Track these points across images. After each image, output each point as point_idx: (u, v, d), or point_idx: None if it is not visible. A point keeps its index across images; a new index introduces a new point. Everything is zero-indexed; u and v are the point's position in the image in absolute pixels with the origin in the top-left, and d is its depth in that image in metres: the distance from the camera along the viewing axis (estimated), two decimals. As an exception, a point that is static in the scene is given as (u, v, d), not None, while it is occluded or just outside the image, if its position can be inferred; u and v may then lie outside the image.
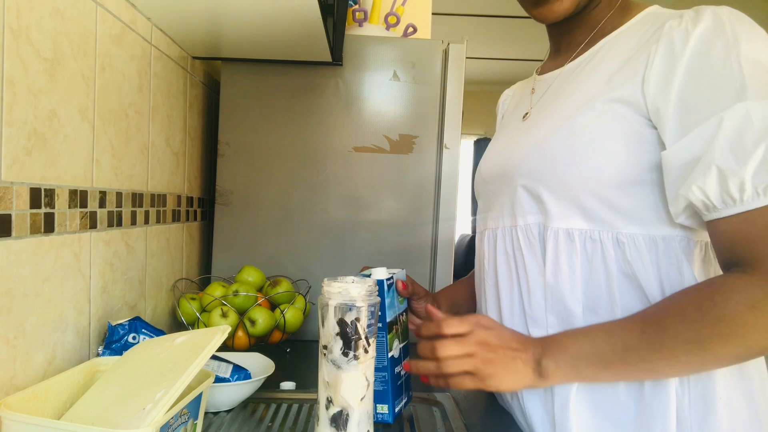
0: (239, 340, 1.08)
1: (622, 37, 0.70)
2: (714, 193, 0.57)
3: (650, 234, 0.65)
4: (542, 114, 0.75)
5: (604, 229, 0.67)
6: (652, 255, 0.65)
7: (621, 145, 0.64)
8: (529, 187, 0.71)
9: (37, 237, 0.68)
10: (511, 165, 0.75)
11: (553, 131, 0.69)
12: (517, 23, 3.87)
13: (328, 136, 1.30)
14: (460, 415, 0.81)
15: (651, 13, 0.70)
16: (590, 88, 0.69)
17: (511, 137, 0.80)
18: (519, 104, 0.87)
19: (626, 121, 0.64)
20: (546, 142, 0.70)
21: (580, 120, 0.67)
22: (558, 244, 0.69)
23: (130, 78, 0.92)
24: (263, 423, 0.77)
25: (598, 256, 0.67)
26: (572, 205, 0.68)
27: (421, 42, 1.32)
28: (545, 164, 0.69)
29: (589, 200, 0.66)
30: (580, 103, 0.68)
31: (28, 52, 0.65)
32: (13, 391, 0.63)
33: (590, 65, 0.72)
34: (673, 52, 0.61)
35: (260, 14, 0.94)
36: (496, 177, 0.80)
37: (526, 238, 0.73)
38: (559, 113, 0.71)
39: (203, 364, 0.59)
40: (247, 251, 1.29)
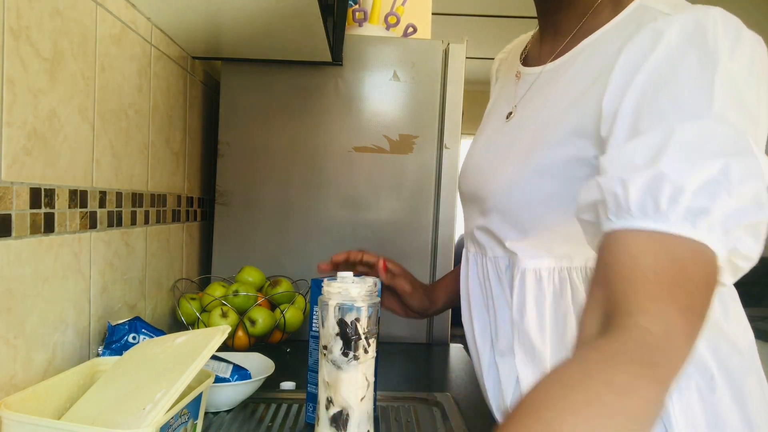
0: (239, 340, 1.08)
1: (603, 40, 0.62)
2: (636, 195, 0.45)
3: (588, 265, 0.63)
4: (524, 122, 0.70)
5: (573, 264, 0.64)
6: None
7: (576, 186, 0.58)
8: (497, 229, 0.68)
9: (37, 237, 0.68)
10: (482, 196, 0.71)
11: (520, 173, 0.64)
12: (517, 23, 3.87)
13: (328, 136, 1.30)
14: (460, 415, 0.81)
15: (639, 8, 0.61)
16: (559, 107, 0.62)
17: (490, 146, 0.74)
18: (502, 93, 0.79)
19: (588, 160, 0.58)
20: (515, 186, 0.65)
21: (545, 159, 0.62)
22: (525, 283, 0.66)
23: (130, 78, 0.92)
24: (263, 423, 0.77)
25: (567, 291, 0.64)
26: (540, 246, 0.65)
27: (421, 42, 1.32)
28: (514, 210, 0.66)
29: (558, 243, 0.64)
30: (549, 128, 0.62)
31: (28, 52, 0.65)
32: (13, 391, 0.63)
33: (568, 74, 0.65)
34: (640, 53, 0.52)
35: (260, 14, 0.94)
36: (470, 198, 0.76)
37: (495, 270, 0.70)
38: (534, 131, 0.65)
39: (203, 364, 0.59)
40: (247, 251, 1.29)
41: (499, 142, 0.73)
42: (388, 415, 0.81)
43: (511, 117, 0.72)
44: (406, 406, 0.85)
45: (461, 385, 0.97)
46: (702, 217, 0.42)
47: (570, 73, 0.64)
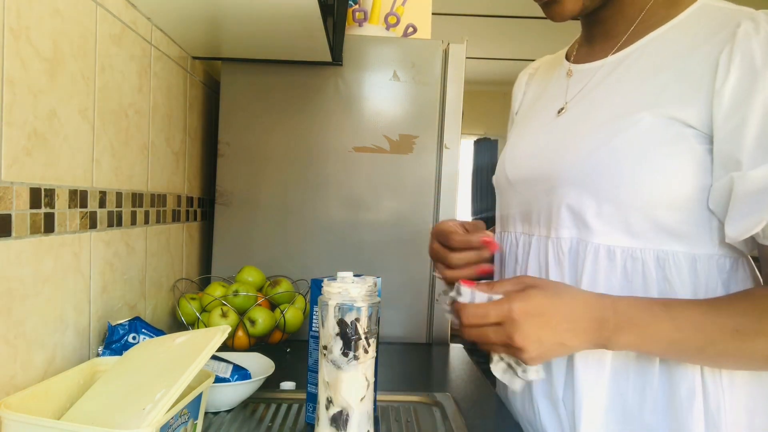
0: (239, 340, 1.08)
1: (672, 34, 0.65)
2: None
3: (692, 252, 0.63)
4: (584, 113, 0.70)
5: (647, 247, 0.63)
6: (692, 273, 0.63)
7: (677, 165, 0.61)
8: (572, 202, 0.66)
9: (37, 237, 0.68)
10: (553, 172, 0.69)
11: (602, 141, 0.64)
12: (517, 23, 3.87)
13: (328, 136, 1.30)
14: (460, 415, 0.81)
15: (704, 7, 0.65)
16: (642, 93, 0.64)
17: (546, 135, 0.74)
18: (547, 92, 0.80)
19: (686, 141, 0.60)
20: (597, 152, 0.64)
21: (632, 131, 0.63)
22: (597, 261, 0.65)
23: (130, 78, 0.92)
24: (263, 423, 0.77)
25: (638, 275, 0.64)
26: (618, 221, 0.64)
27: (421, 42, 1.32)
28: (594, 176, 0.64)
29: (636, 217, 0.63)
30: (631, 107, 0.64)
31: (28, 52, 0.65)
32: (13, 391, 0.63)
33: (638, 64, 0.66)
34: (753, 65, 0.56)
35: (260, 14, 0.94)
36: (530, 181, 0.74)
37: (555, 253, 0.69)
38: (606, 115, 0.66)
39: (203, 364, 0.59)
40: (247, 251, 1.29)
41: (557, 130, 0.73)
42: (388, 415, 0.81)
43: (563, 112, 0.73)
44: (406, 406, 0.85)
45: (461, 385, 0.97)
46: None
47: (642, 62, 0.66)
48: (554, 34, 3.94)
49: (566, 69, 0.78)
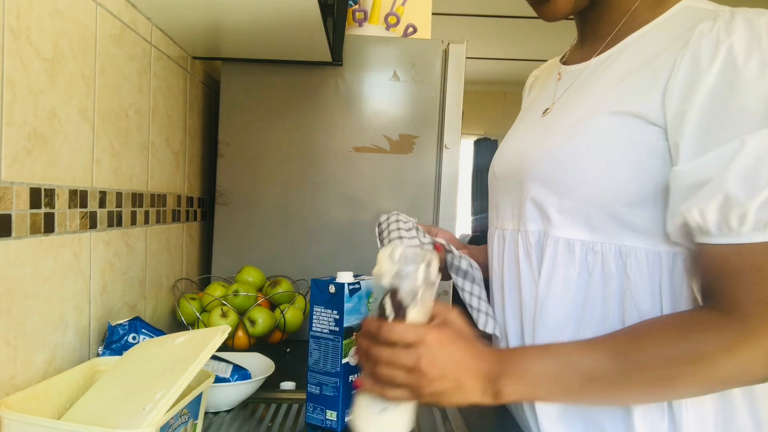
0: (239, 340, 1.08)
1: (651, 33, 0.66)
2: (712, 218, 0.55)
3: (655, 249, 0.63)
4: (562, 112, 0.72)
5: (608, 241, 0.64)
6: (654, 270, 0.63)
7: (637, 162, 0.61)
8: (536, 196, 0.69)
9: (37, 237, 0.68)
10: (523, 168, 0.72)
11: (567, 138, 0.66)
12: (517, 23, 3.87)
13: (328, 136, 1.30)
14: (460, 415, 0.81)
15: (685, 8, 0.65)
16: (609, 91, 0.66)
17: (527, 134, 0.77)
18: (541, 94, 0.83)
19: (643, 135, 0.61)
20: (559, 150, 0.67)
21: (594, 129, 0.64)
22: (556, 254, 0.67)
23: (130, 78, 0.92)
24: (263, 423, 0.77)
25: (598, 269, 0.65)
26: (578, 215, 0.65)
27: (421, 42, 1.32)
28: (556, 173, 0.67)
29: (596, 212, 0.64)
30: (598, 107, 0.65)
31: (28, 52, 0.65)
32: (13, 391, 0.63)
33: (616, 64, 0.68)
34: (699, 62, 0.57)
35: (260, 14, 0.94)
36: (507, 177, 0.77)
37: (525, 246, 0.71)
38: (574, 115, 0.68)
39: (203, 364, 0.59)
40: (247, 251, 1.29)
41: (537, 130, 0.75)
42: (388, 415, 0.81)
43: (548, 112, 0.75)
44: None
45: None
46: None
47: (618, 63, 0.68)
48: (554, 34, 3.94)
49: (558, 71, 0.80)
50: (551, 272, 0.68)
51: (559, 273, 0.67)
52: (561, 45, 0.87)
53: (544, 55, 0.94)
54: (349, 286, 0.73)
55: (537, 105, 0.81)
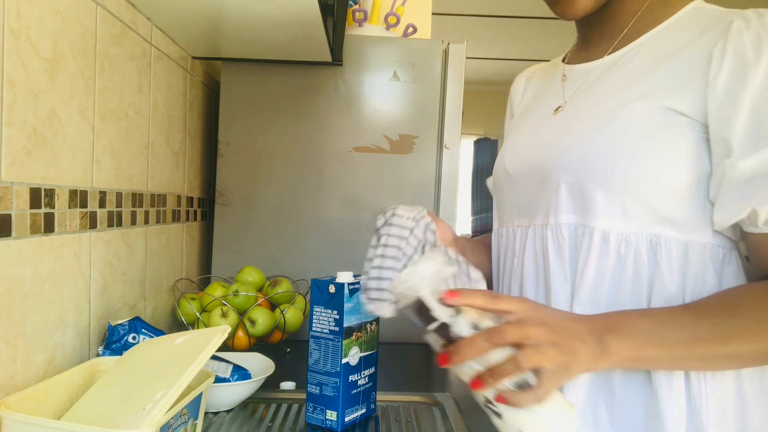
0: (239, 340, 1.08)
1: (667, 33, 0.67)
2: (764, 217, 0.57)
3: (685, 239, 0.64)
4: (581, 108, 0.71)
5: (641, 231, 0.64)
6: (683, 260, 0.64)
7: (671, 151, 0.62)
8: (572, 183, 0.67)
9: (37, 237, 0.68)
10: (548, 160, 0.70)
11: (597, 127, 0.66)
12: (517, 23, 3.87)
13: (328, 136, 1.30)
14: (460, 415, 0.81)
15: (696, 8, 0.67)
16: (636, 82, 0.66)
17: (542, 131, 0.76)
18: (543, 94, 0.82)
19: (679, 129, 0.62)
20: (595, 135, 0.66)
21: (628, 117, 0.64)
22: (591, 245, 0.66)
23: (130, 78, 0.92)
24: (263, 423, 0.77)
25: (630, 259, 0.65)
26: (613, 206, 0.65)
27: (421, 42, 1.32)
28: (594, 159, 0.65)
29: (630, 202, 0.64)
30: (628, 96, 0.65)
31: (28, 52, 0.65)
32: (13, 391, 0.63)
33: (635, 61, 0.68)
34: (744, 58, 0.59)
35: (260, 14, 0.94)
36: (526, 173, 0.75)
37: (556, 240, 0.70)
38: (602, 106, 0.67)
39: (203, 364, 0.60)
40: (247, 251, 1.29)
41: (554, 125, 0.74)
42: (388, 415, 0.81)
43: (560, 110, 0.75)
44: (406, 406, 0.85)
45: (461, 386, 0.97)
46: None
47: (637, 59, 0.68)
48: (554, 34, 3.94)
49: (562, 71, 0.80)
50: (585, 265, 0.67)
51: (592, 265, 0.66)
52: (561, 45, 0.88)
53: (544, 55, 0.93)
54: (349, 286, 0.73)
55: (542, 104, 0.80)
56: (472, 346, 0.53)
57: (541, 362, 0.53)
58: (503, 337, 0.53)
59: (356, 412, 0.77)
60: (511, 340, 0.53)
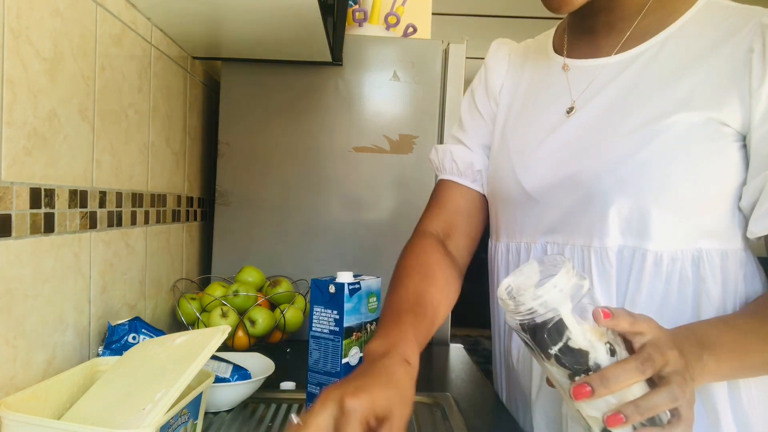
0: (239, 340, 1.08)
1: (689, 31, 0.64)
2: None
3: (723, 248, 0.63)
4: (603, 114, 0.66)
5: (686, 248, 0.63)
6: (723, 269, 0.63)
7: (716, 164, 0.61)
8: (624, 205, 0.62)
9: (37, 237, 0.68)
10: (591, 179, 0.64)
11: (641, 144, 0.62)
12: (517, 23, 3.86)
13: (328, 136, 1.30)
14: (460, 415, 0.81)
15: (712, 3, 0.65)
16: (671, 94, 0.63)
17: (561, 137, 0.69)
18: (544, 89, 0.75)
19: (724, 139, 0.61)
20: (642, 152, 0.61)
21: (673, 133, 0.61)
22: (644, 268, 0.63)
23: (130, 78, 0.92)
24: (263, 423, 0.77)
25: (676, 276, 0.63)
26: (667, 224, 0.62)
27: (421, 42, 1.32)
28: (638, 182, 0.62)
29: (680, 218, 0.62)
30: (666, 111, 0.62)
31: (28, 52, 0.65)
32: (13, 391, 0.63)
33: (656, 63, 0.65)
34: None
35: (260, 14, 0.94)
36: (556, 190, 0.68)
37: (600, 263, 0.65)
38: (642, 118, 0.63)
39: (203, 364, 0.59)
40: (247, 251, 1.29)
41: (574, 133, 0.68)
42: (388, 415, 0.81)
43: (574, 111, 0.69)
44: None
45: (461, 385, 0.97)
46: None
47: (661, 60, 0.65)
48: (554, 34, 3.93)
49: (560, 63, 0.74)
50: (637, 289, 0.64)
51: (644, 289, 0.63)
52: (561, 45, 0.86)
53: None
54: (349, 286, 0.73)
55: (547, 102, 0.73)
56: (626, 376, 0.46)
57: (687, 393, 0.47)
58: (654, 365, 0.47)
59: None
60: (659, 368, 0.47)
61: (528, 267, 0.51)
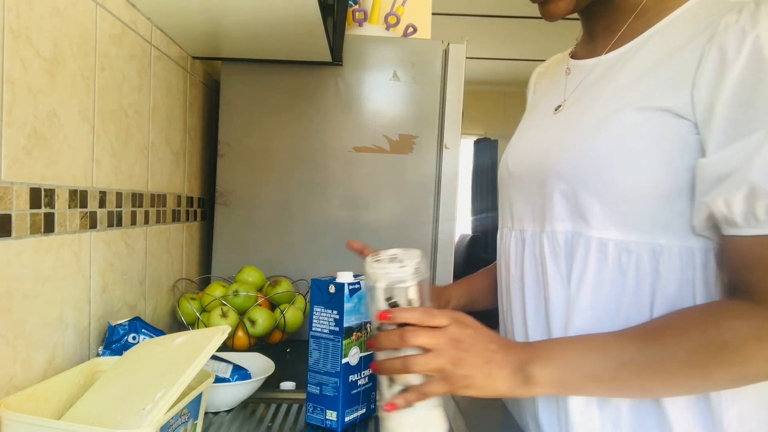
0: (239, 340, 1.08)
1: (672, 28, 0.65)
2: (738, 209, 0.55)
3: (687, 245, 0.62)
4: (579, 108, 0.70)
5: (642, 240, 0.63)
6: (687, 267, 0.62)
7: (668, 157, 0.61)
8: (565, 189, 0.66)
9: (37, 237, 0.68)
10: (545, 165, 0.70)
11: (594, 134, 0.65)
12: (517, 23, 3.86)
13: (328, 136, 1.30)
14: (460, 415, 0.81)
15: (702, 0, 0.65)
16: (634, 86, 0.64)
17: (543, 131, 0.75)
18: (550, 90, 0.81)
19: (674, 129, 0.60)
20: (587, 146, 0.65)
21: (621, 125, 0.63)
22: (588, 254, 0.65)
23: (130, 78, 0.92)
24: (263, 423, 0.77)
25: (632, 269, 0.64)
26: (610, 214, 0.64)
27: (421, 42, 1.32)
28: (585, 170, 0.65)
29: (629, 210, 0.63)
30: (623, 103, 0.64)
31: (28, 52, 0.65)
32: (13, 391, 0.63)
33: (634, 59, 0.66)
34: (726, 54, 0.57)
35: (260, 14, 0.94)
36: (526, 175, 0.74)
37: (552, 247, 0.69)
38: (598, 112, 0.66)
39: (203, 364, 0.59)
40: (247, 251, 1.29)
41: (554, 126, 0.73)
42: (388, 415, 0.81)
43: (561, 109, 0.74)
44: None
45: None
46: None
47: (638, 58, 0.66)
48: (554, 34, 3.93)
49: (567, 66, 0.78)
50: (582, 274, 0.66)
51: (590, 274, 0.65)
52: (561, 45, 0.87)
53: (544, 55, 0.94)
54: (349, 286, 0.73)
55: (547, 101, 0.79)
56: (387, 338, 0.58)
57: (429, 370, 0.57)
58: (415, 339, 0.57)
59: (356, 413, 0.76)
60: (419, 343, 0.57)
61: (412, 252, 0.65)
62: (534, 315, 0.73)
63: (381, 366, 0.59)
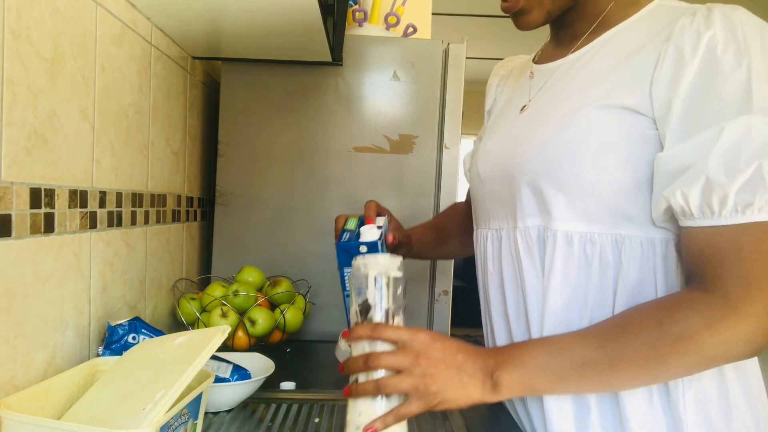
0: (239, 340, 1.08)
1: (629, 30, 0.68)
2: (695, 201, 0.57)
3: (649, 236, 0.64)
4: (543, 107, 0.73)
5: (605, 231, 0.66)
6: (648, 258, 0.64)
7: (628, 152, 0.63)
8: (531, 185, 0.69)
9: (37, 237, 0.68)
10: (512, 165, 0.73)
11: (555, 133, 0.67)
12: (517, 23, 3.87)
13: (328, 136, 1.30)
14: (460, 415, 0.81)
15: (661, 6, 0.68)
16: (594, 85, 0.67)
17: (509, 133, 0.78)
18: (514, 94, 0.84)
19: (633, 126, 0.63)
20: (550, 144, 0.68)
21: (583, 122, 0.65)
22: (555, 247, 0.68)
23: (130, 78, 0.92)
24: (263, 423, 0.77)
25: (596, 260, 0.66)
26: (574, 207, 0.66)
27: (421, 42, 1.32)
28: (549, 166, 0.67)
29: (592, 203, 0.65)
30: (584, 101, 0.66)
31: (28, 52, 0.65)
32: (13, 391, 0.63)
33: (594, 59, 0.69)
34: (682, 54, 0.59)
35: (260, 14, 0.94)
36: (496, 176, 0.78)
37: (525, 242, 0.72)
38: (561, 110, 0.69)
39: (203, 364, 0.59)
40: (247, 251, 1.29)
41: (519, 127, 0.76)
42: (388, 415, 0.81)
43: (525, 109, 0.77)
44: None
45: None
46: (748, 208, 0.55)
47: (597, 59, 0.70)
48: (554, 34, 3.93)
49: (530, 70, 0.82)
50: (552, 265, 0.69)
51: (559, 265, 0.68)
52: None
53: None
54: (379, 242, 0.73)
55: (512, 104, 0.82)
56: (354, 364, 0.60)
57: (402, 390, 0.59)
58: (377, 362, 0.59)
59: None
60: (385, 365, 0.59)
61: None
62: (514, 309, 0.75)
63: (354, 390, 0.60)
